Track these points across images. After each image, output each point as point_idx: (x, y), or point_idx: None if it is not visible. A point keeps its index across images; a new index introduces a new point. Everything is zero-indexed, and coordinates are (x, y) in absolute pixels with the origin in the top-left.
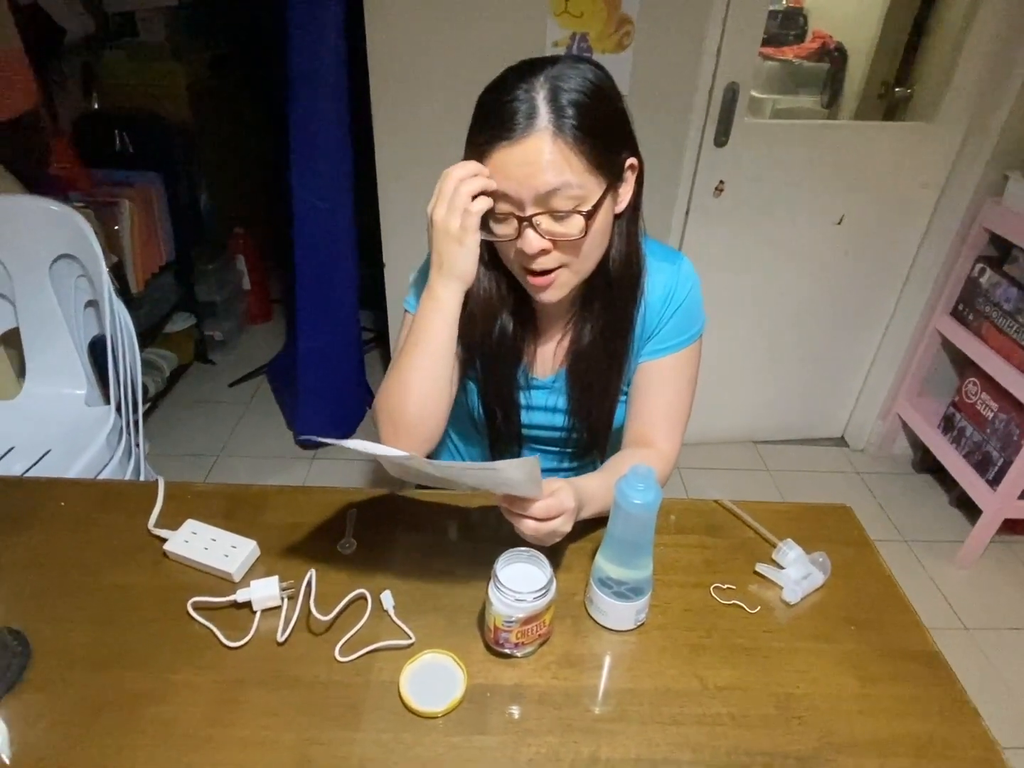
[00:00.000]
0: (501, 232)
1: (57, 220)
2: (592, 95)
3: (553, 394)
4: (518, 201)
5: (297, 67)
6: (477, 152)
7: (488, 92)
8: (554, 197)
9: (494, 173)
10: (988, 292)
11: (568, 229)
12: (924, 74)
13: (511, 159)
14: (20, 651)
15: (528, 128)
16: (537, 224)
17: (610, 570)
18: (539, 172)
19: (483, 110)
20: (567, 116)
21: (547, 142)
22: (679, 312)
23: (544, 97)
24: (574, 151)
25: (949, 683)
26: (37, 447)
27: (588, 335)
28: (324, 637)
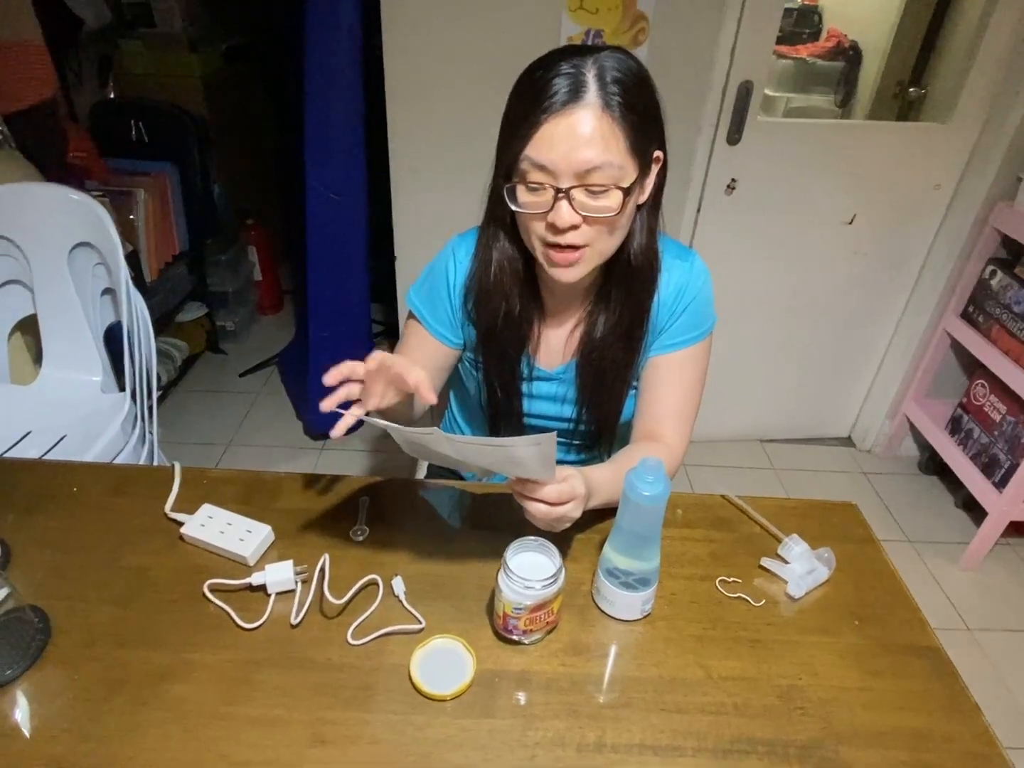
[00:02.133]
0: (532, 202)
1: (76, 209)
2: (637, 79)
3: (562, 385)
4: (555, 173)
5: (313, 60)
6: (520, 124)
7: (534, 69)
8: (594, 173)
9: (538, 144)
10: (998, 294)
11: (603, 204)
12: (939, 74)
13: (557, 130)
14: (42, 628)
15: (577, 100)
16: (573, 197)
17: (618, 560)
18: (584, 147)
19: (529, 83)
20: (614, 93)
21: (595, 116)
22: (690, 308)
23: (594, 74)
24: (620, 128)
25: (950, 678)
26: (53, 432)
27: (603, 326)
28: (337, 621)
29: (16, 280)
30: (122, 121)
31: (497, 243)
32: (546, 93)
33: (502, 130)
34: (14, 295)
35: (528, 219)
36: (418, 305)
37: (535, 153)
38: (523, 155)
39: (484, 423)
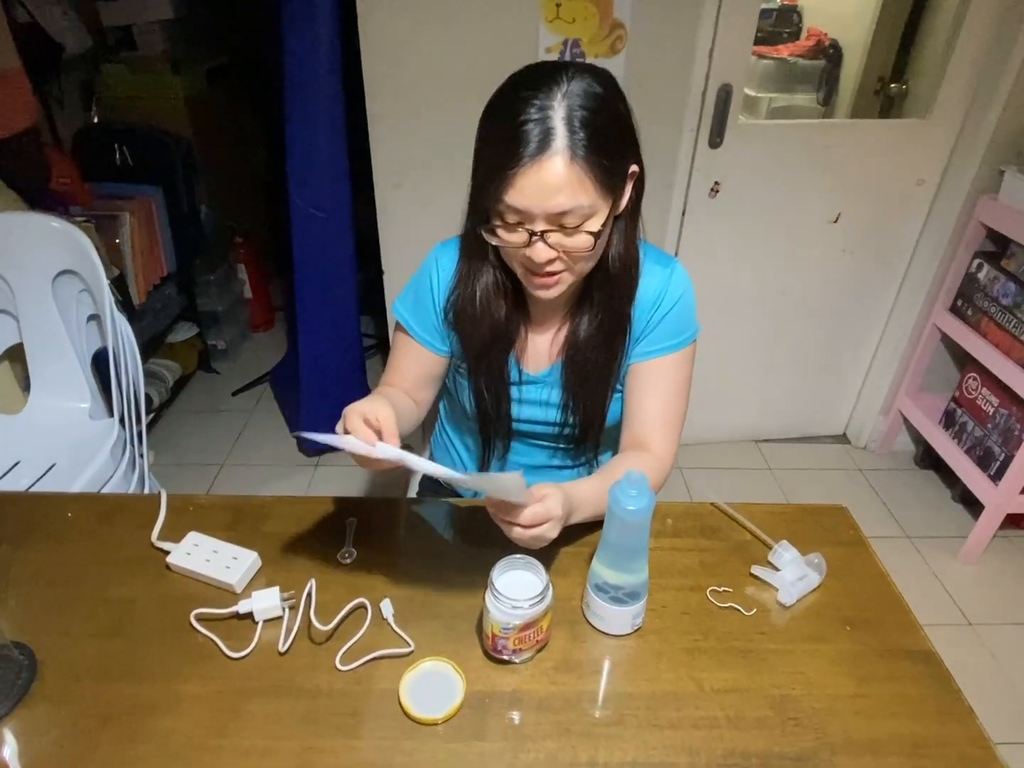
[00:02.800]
0: (510, 240)
1: (58, 236)
2: (604, 113)
3: (546, 388)
4: (530, 216)
5: (292, 77)
6: (493, 172)
7: (500, 106)
8: (566, 216)
9: (512, 192)
10: (986, 287)
11: (577, 244)
12: (918, 70)
13: (528, 180)
14: (27, 664)
15: (545, 151)
16: (547, 238)
17: (606, 575)
18: (554, 194)
19: (497, 127)
20: (581, 139)
21: (564, 164)
22: (670, 316)
23: (561, 117)
24: (587, 173)
25: (944, 682)
26: (42, 461)
27: (585, 329)
28: (325, 646)
29: (1, 309)
30: (106, 145)
31: (479, 275)
32: (516, 141)
33: (476, 171)
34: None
35: (507, 252)
36: (404, 315)
37: (509, 199)
38: (498, 200)
39: (474, 431)
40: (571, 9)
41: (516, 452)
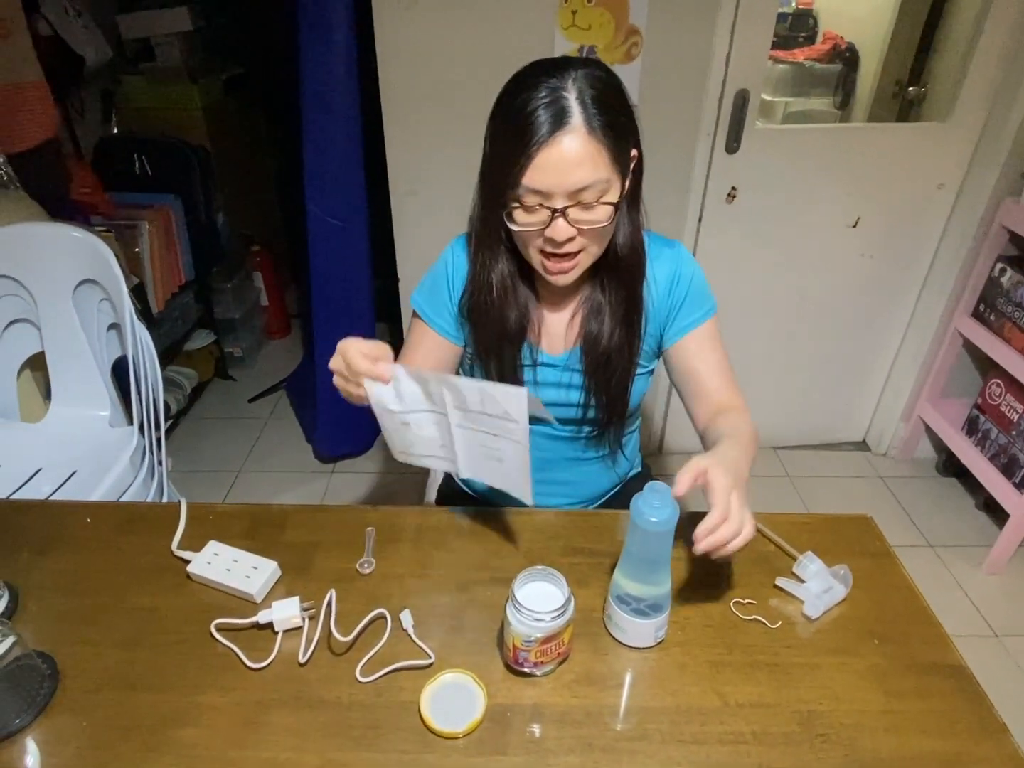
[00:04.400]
0: (530, 221)
1: (80, 246)
2: (613, 93)
3: (567, 371)
4: (550, 195)
5: (309, 87)
6: (512, 156)
7: (513, 94)
8: (585, 192)
9: (532, 173)
10: (1009, 292)
11: (596, 217)
12: (937, 73)
13: (549, 159)
14: (49, 674)
15: (562, 127)
16: (567, 215)
17: (628, 587)
18: (575, 169)
19: (513, 112)
20: (595, 114)
21: (581, 139)
22: (691, 291)
23: (575, 97)
24: (603, 146)
25: (976, 697)
26: (63, 469)
27: (600, 312)
28: (345, 657)
29: (23, 319)
30: (125, 155)
31: (494, 264)
32: (533, 124)
33: (492, 158)
34: (21, 333)
35: (526, 236)
36: (421, 304)
37: (529, 182)
38: (518, 184)
39: None
40: (587, 16)
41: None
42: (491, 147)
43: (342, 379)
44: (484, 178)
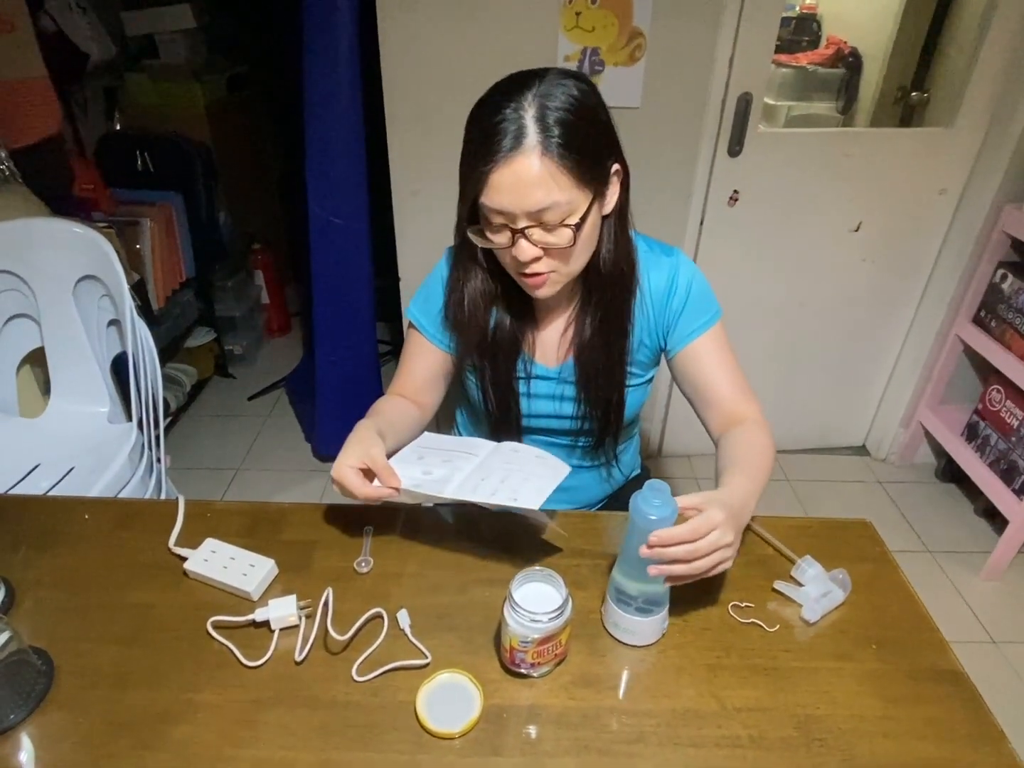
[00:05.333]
0: (496, 240)
1: (81, 242)
2: (577, 112)
3: (560, 384)
4: (511, 215)
5: (313, 86)
6: (472, 172)
7: (478, 111)
8: (544, 213)
9: (490, 192)
10: (1011, 298)
11: (558, 239)
12: (941, 78)
13: (503, 179)
14: (45, 670)
15: (517, 148)
16: (529, 235)
17: (627, 586)
18: (530, 191)
19: (475, 130)
20: (553, 135)
21: (537, 160)
22: (692, 298)
23: (532, 116)
24: (561, 169)
25: (975, 704)
26: (61, 464)
27: (589, 328)
28: (341, 656)
29: (23, 314)
30: (128, 152)
31: (468, 279)
32: (491, 141)
33: (460, 175)
34: (21, 329)
35: (498, 253)
36: (417, 316)
37: (488, 200)
38: (480, 202)
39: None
40: (590, 18)
41: None
42: (461, 159)
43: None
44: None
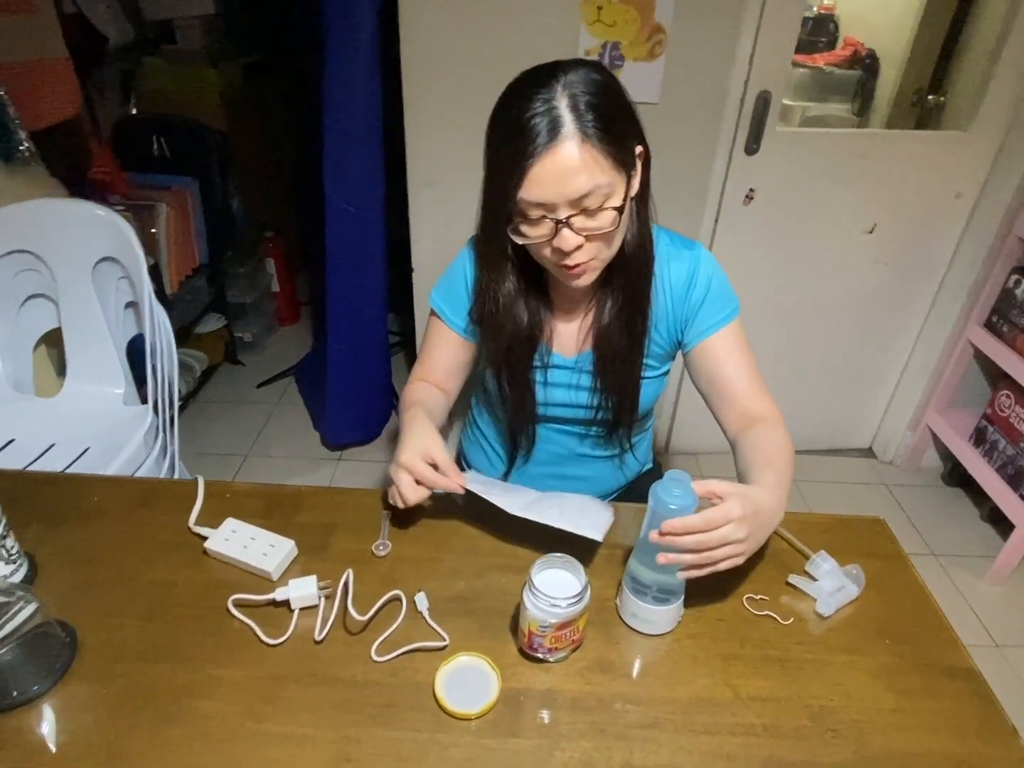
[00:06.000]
0: (535, 234)
1: (101, 224)
2: (606, 96)
3: (578, 373)
4: (552, 206)
5: (332, 75)
6: (508, 169)
7: (506, 107)
8: (586, 199)
9: (530, 186)
10: (1023, 303)
11: (601, 223)
12: (958, 82)
13: (544, 170)
14: (68, 642)
15: (556, 138)
16: (572, 223)
17: (644, 575)
18: (573, 178)
19: (504, 127)
20: (589, 120)
21: (576, 148)
22: (711, 292)
23: (566, 105)
24: (601, 152)
25: (986, 699)
26: (76, 445)
27: (609, 313)
28: (360, 637)
29: (41, 294)
30: (144, 136)
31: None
32: (526, 136)
33: (491, 173)
34: (39, 309)
35: (536, 247)
36: (439, 303)
37: (529, 195)
38: (518, 198)
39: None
40: (612, 12)
41: (546, 440)
42: (488, 163)
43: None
44: (486, 194)
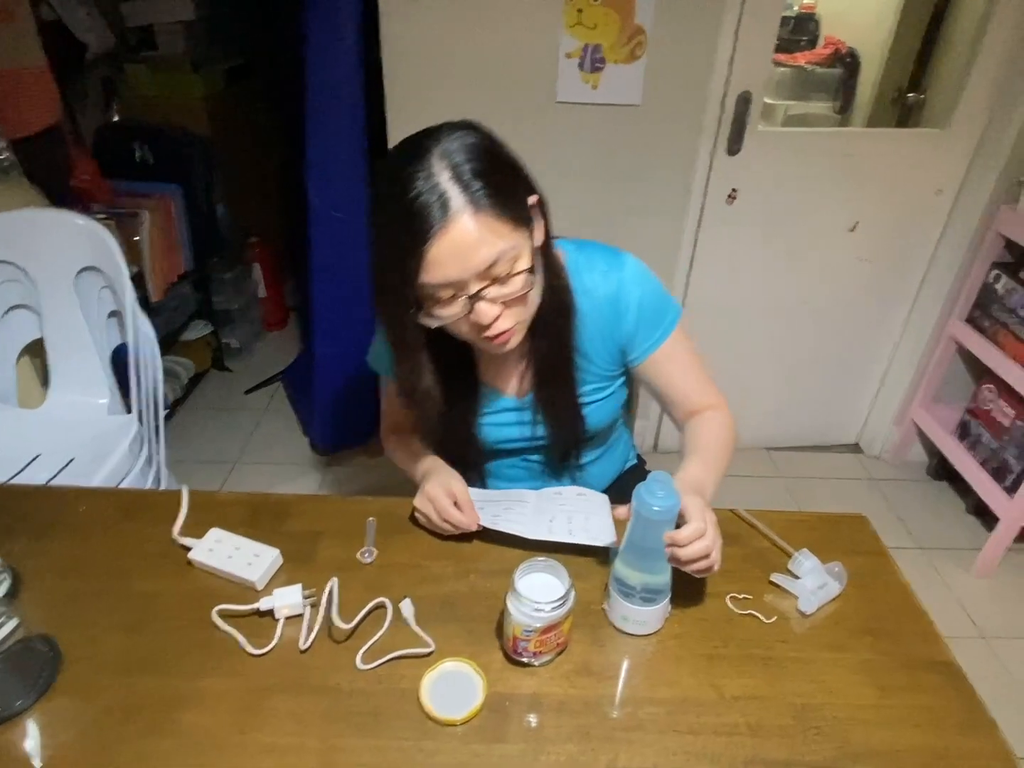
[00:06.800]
0: (449, 313)
1: (83, 233)
2: (486, 158)
3: (527, 411)
4: (460, 283)
5: (313, 77)
6: (404, 256)
7: (388, 190)
8: (494, 267)
9: (432, 269)
10: (1004, 298)
11: (514, 288)
12: (937, 80)
13: (442, 251)
14: (51, 657)
15: (448, 215)
16: (485, 295)
17: (630, 576)
18: (475, 253)
19: (393, 210)
20: (477, 189)
21: (471, 222)
22: (643, 316)
23: (449, 178)
24: (496, 218)
25: (966, 694)
26: (61, 455)
27: (539, 359)
28: (345, 645)
29: (23, 305)
30: (126, 143)
31: (421, 371)
32: (416, 219)
33: (384, 260)
34: (21, 319)
35: (451, 326)
36: (376, 367)
37: (432, 279)
38: (420, 283)
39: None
40: (592, 15)
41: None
42: (378, 248)
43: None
44: (379, 281)
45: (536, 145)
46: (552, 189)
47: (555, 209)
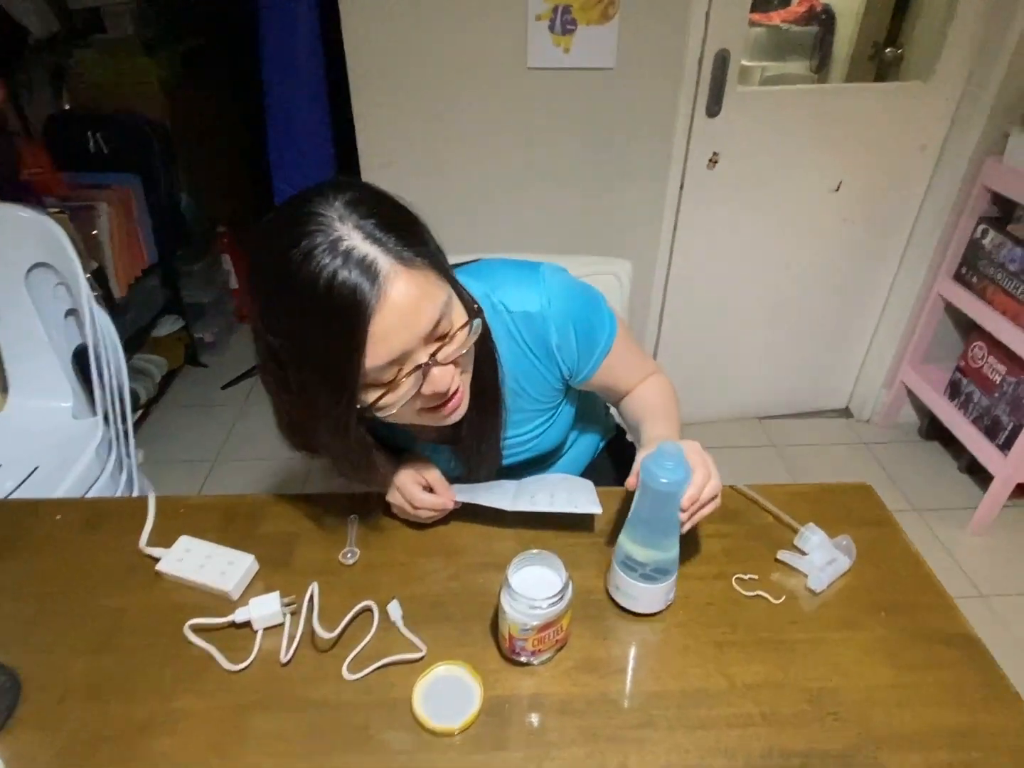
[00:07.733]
0: (401, 394)
1: (29, 227)
2: (382, 205)
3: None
4: (408, 353)
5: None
6: (337, 346)
7: (289, 281)
8: (439, 325)
9: (377, 348)
10: (992, 253)
11: (459, 342)
12: (916, 32)
13: (386, 322)
14: (9, 687)
15: (378, 280)
16: (438, 358)
17: (636, 552)
18: (420, 313)
19: (307, 301)
20: (393, 243)
21: (405, 279)
22: (578, 343)
23: (361, 239)
24: (421, 266)
25: (988, 667)
26: (25, 464)
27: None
28: (330, 654)
29: None
30: (79, 133)
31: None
32: (344, 299)
33: (306, 362)
34: None
35: (401, 408)
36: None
37: (379, 359)
38: (366, 371)
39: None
40: None
41: None
42: (295, 351)
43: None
44: (311, 398)
45: (508, 115)
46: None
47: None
